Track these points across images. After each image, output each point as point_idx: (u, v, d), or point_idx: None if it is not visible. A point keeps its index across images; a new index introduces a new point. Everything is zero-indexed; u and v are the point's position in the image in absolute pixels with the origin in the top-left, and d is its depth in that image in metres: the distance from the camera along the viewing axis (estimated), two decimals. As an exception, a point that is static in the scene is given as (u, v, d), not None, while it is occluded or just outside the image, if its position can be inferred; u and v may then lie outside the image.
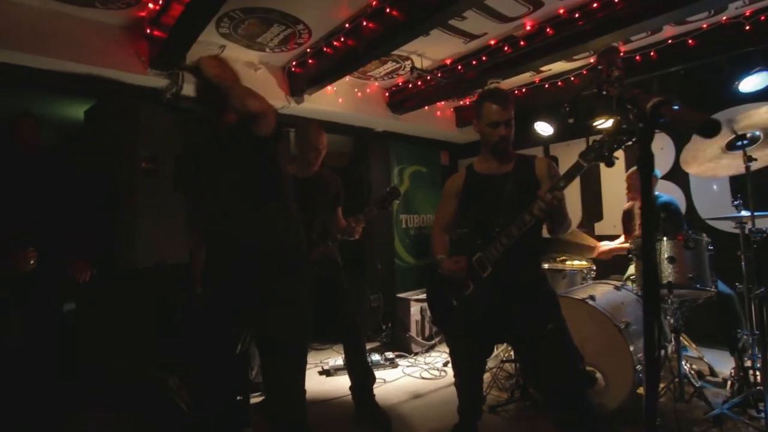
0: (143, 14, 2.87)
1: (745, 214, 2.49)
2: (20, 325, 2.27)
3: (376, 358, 3.65)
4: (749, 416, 2.38)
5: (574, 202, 4.61)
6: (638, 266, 2.96)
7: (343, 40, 3.18)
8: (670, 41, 3.44)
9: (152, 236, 2.96)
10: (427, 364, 3.71)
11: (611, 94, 1.03)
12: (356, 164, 5.13)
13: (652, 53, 3.56)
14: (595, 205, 4.56)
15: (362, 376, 2.69)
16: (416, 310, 4.15)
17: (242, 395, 2.31)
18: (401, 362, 3.76)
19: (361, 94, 4.28)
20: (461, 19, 3.03)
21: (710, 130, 0.81)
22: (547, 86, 4.24)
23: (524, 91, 4.40)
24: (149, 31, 2.91)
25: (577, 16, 2.96)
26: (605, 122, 3.76)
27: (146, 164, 3.00)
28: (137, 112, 3.02)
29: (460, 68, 3.75)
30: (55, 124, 3.83)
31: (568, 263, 3.44)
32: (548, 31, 3.12)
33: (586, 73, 3.95)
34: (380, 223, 4.84)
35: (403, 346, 4.08)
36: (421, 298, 4.12)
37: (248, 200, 1.69)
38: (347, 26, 3.07)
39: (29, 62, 2.77)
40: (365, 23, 2.95)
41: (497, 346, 3.38)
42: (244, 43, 3.29)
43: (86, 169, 3.07)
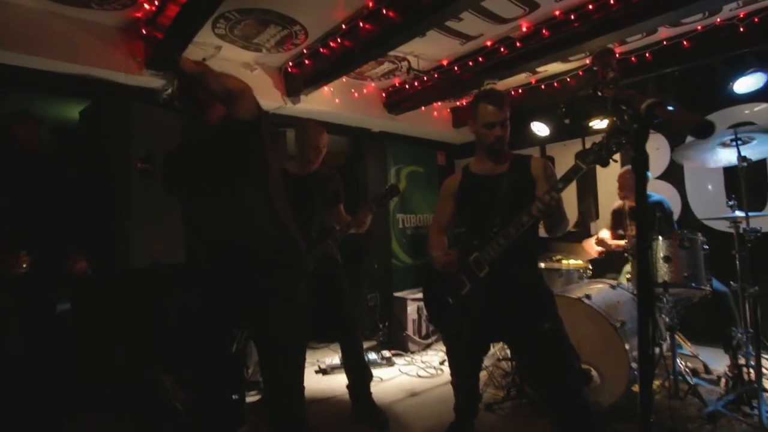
0: (139, 15, 2.86)
1: (739, 214, 2.52)
2: (20, 326, 2.26)
3: (373, 356, 3.66)
4: (743, 413, 2.41)
5: (570, 202, 4.63)
6: (634, 265, 2.99)
7: (339, 40, 3.18)
8: (665, 43, 3.46)
9: (148, 236, 2.94)
10: (423, 362, 3.72)
11: (606, 95, 1.03)
12: (353, 164, 5.13)
13: (647, 55, 3.58)
14: (590, 204, 4.59)
15: (359, 374, 2.69)
16: (413, 309, 4.17)
17: (238, 394, 2.31)
18: (398, 361, 3.77)
19: (357, 94, 4.28)
20: (457, 20, 3.03)
21: (704, 131, 0.82)
22: (543, 87, 4.25)
23: (520, 92, 4.41)
24: (145, 31, 2.90)
25: (572, 17, 2.97)
26: (601, 123, 3.78)
27: (141, 164, 2.98)
28: (132, 112, 3.01)
29: (456, 69, 3.76)
30: (49, 124, 3.81)
31: (564, 262, 3.45)
32: (544, 32, 3.13)
33: (581, 74, 3.97)
34: (377, 222, 4.83)
35: (399, 344, 4.09)
36: (417, 297, 4.12)
37: (233, 198, 1.66)
38: (344, 27, 3.07)
39: (24, 62, 2.75)
40: (362, 24, 2.95)
41: (493, 344, 3.39)
42: (240, 43, 3.29)
43: (82, 169, 3.05)
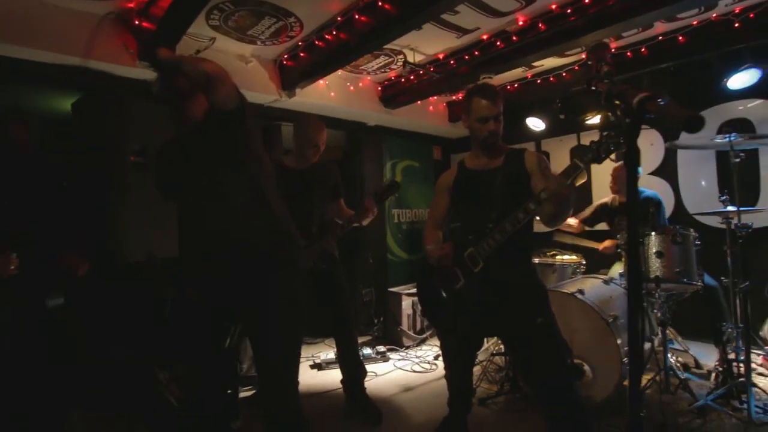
0: (132, 5, 2.82)
1: (731, 209, 2.53)
2: (19, 325, 2.24)
3: (367, 351, 3.67)
4: (732, 407, 2.43)
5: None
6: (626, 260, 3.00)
7: (335, 33, 3.15)
8: (660, 38, 3.46)
9: (142, 230, 2.93)
10: (418, 357, 3.73)
11: (600, 89, 1.03)
12: (349, 158, 5.11)
13: (642, 50, 3.58)
14: (584, 199, 4.59)
15: (354, 369, 2.70)
16: (408, 304, 4.17)
17: (231, 388, 2.31)
18: (392, 356, 3.78)
19: (353, 88, 4.26)
20: (454, 13, 3.02)
21: (694, 125, 0.83)
22: (539, 82, 4.24)
23: (516, 86, 4.41)
24: (138, 22, 2.86)
25: (569, 11, 2.96)
26: (595, 119, 3.78)
27: (135, 157, 2.96)
28: (125, 104, 2.98)
29: (452, 63, 3.75)
30: (41, 116, 3.77)
31: (558, 258, 3.47)
32: (540, 26, 3.12)
33: (577, 68, 3.97)
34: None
35: (394, 339, 4.10)
36: (412, 292, 4.13)
37: (222, 191, 1.63)
38: (339, 19, 3.04)
39: (14, 53, 2.70)
40: (357, 17, 2.93)
41: (487, 339, 3.41)
42: (234, 35, 3.25)
43: (74, 163, 3.02)
